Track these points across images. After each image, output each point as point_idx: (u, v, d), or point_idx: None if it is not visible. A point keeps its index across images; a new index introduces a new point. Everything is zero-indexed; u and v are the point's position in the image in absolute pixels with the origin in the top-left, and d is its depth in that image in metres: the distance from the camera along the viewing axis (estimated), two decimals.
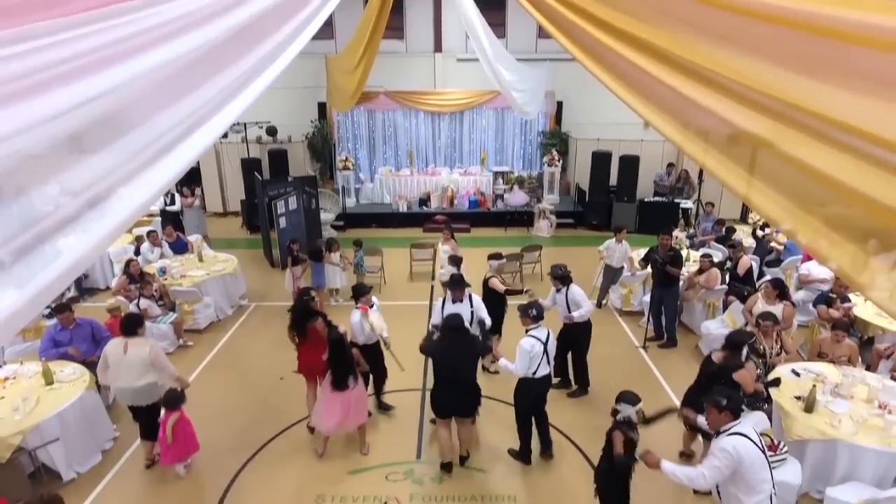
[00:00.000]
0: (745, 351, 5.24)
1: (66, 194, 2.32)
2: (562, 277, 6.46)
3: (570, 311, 6.36)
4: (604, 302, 9.45)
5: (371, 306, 6.01)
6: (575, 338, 6.58)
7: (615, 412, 4.14)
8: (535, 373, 5.22)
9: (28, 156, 2.06)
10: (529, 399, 5.42)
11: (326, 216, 13.40)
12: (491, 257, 7.42)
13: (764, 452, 3.68)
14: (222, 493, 5.26)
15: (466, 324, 5.86)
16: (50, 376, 5.66)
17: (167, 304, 8.12)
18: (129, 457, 5.78)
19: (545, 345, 5.21)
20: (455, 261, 7.69)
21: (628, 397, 4.13)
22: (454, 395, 5.24)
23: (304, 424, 6.22)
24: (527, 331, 5.27)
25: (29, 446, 5.06)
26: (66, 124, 2.14)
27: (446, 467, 5.46)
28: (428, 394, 6.69)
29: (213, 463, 5.67)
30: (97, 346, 6.44)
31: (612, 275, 9.23)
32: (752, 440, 3.62)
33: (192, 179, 14.13)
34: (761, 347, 5.89)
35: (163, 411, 5.27)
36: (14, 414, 5.12)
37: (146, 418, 5.43)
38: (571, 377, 6.84)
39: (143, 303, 7.71)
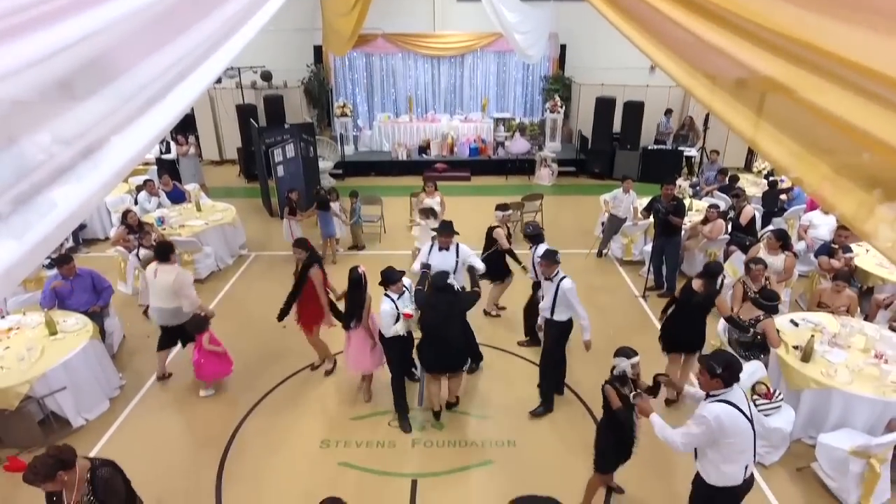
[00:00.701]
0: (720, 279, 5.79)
1: (59, 143, 2.27)
2: (532, 236, 6.34)
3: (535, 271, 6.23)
4: (605, 251, 9.44)
5: (402, 293, 5.25)
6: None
7: (612, 368, 4.13)
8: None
9: (16, 102, 1.99)
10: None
11: (325, 164, 13.21)
12: (498, 207, 7.35)
13: (752, 422, 3.49)
14: (228, 439, 5.38)
15: (451, 273, 5.81)
16: (53, 326, 5.69)
17: None
18: (136, 403, 5.89)
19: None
20: (427, 213, 7.57)
21: (625, 351, 4.10)
22: (443, 353, 5.23)
23: (306, 372, 6.33)
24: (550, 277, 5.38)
25: (37, 395, 5.14)
26: (53, 68, 2.06)
27: (436, 415, 5.58)
28: None
29: (217, 410, 5.78)
30: (98, 296, 6.46)
31: (616, 225, 9.17)
32: (740, 409, 3.44)
33: (186, 127, 13.86)
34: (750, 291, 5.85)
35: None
36: (20, 364, 5.17)
37: (172, 335, 6.13)
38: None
39: (143, 253, 7.67)
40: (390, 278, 5.22)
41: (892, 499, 4.60)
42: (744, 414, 3.45)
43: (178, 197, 10.01)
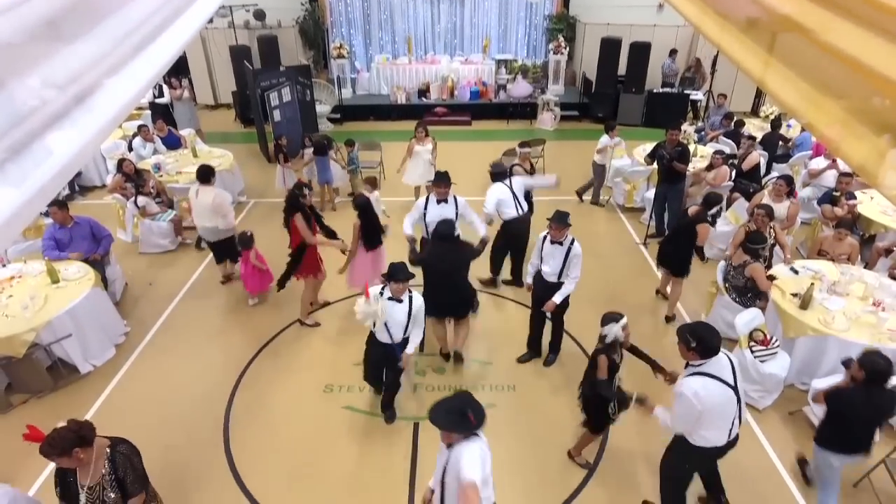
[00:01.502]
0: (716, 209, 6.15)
1: (51, 87, 2.18)
2: (494, 174, 6.48)
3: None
4: (603, 199, 9.32)
5: (399, 300, 4.57)
6: (513, 237, 6.55)
7: (602, 337, 4.04)
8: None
9: (4, 44, 1.90)
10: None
11: (322, 109, 12.93)
12: (521, 145, 7.32)
13: (735, 388, 3.39)
14: (233, 385, 5.49)
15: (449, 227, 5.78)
16: (55, 275, 5.69)
17: (165, 202, 8.02)
18: (141, 350, 5.97)
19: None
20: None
21: (612, 317, 3.99)
22: (447, 299, 5.33)
23: (310, 317, 6.39)
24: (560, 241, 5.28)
25: (43, 342, 5.20)
26: (38, 7, 1.96)
27: (446, 356, 5.72)
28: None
29: (221, 356, 5.88)
30: (98, 244, 6.43)
31: (602, 173, 9.05)
32: (720, 379, 3.34)
33: (179, 70, 13.48)
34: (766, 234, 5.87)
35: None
36: (24, 312, 5.21)
37: (217, 250, 6.95)
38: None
39: (141, 200, 7.62)
40: (393, 272, 4.45)
41: (879, 441, 4.75)
42: (725, 382, 3.36)
43: (173, 143, 9.84)
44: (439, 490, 3.15)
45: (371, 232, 5.88)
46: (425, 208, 5.86)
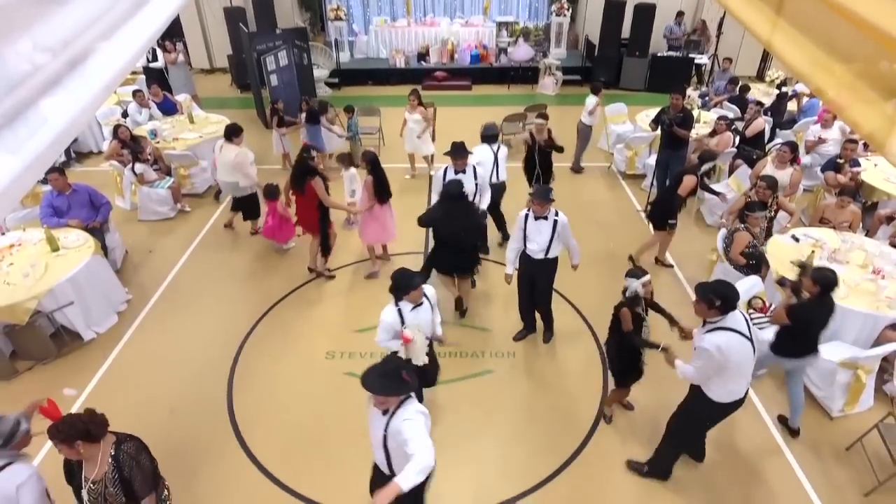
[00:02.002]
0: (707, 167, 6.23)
1: (43, 51, 2.13)
2: (485, 136, 6.50)
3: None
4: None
5: (420, 304, 4.10)
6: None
7: (623, 291, 4.16)
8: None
9: None
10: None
11: (320, 73, 12.70)
12: (539, 116, 7.08)
13: (752, 340, 3.52)
14: (236, 350, 5.54)
15: (470, 195, 5.79)
16: (55, 243, 5.68)
17: (163, 169, 7.94)
18: (144, 317, 6.01)
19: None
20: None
21: (634, 273, 4.12)
22: (454, 257, 5.47)
23: (307, 287, 6.43)
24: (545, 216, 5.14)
25: (45, 310, 5.23)
26: None
27: (458, 302, 5.86)
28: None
29: (224, 323, 5.91)
30: (96, 212, 6.40)
31: (588, 135, 8.96)
32: (740, 332, 3.45)
33: (173, 33, 13.16)
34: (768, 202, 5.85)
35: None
36: (25, 280, 5.21)
37: (239, 205, 7.26)
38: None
39: (139, 167, 7.55)
40: (403, 285, 3.98)
41: (873, 406, 4.83)
42: (744, 335, 3.48)
43: (169, 108, 9.68)
44: (383, 454, 3.16)
45: (382, 186, 6.01)
46: (444, 179, 5.80)
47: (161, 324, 5.93)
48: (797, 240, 5.81)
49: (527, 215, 4.93)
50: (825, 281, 4.05)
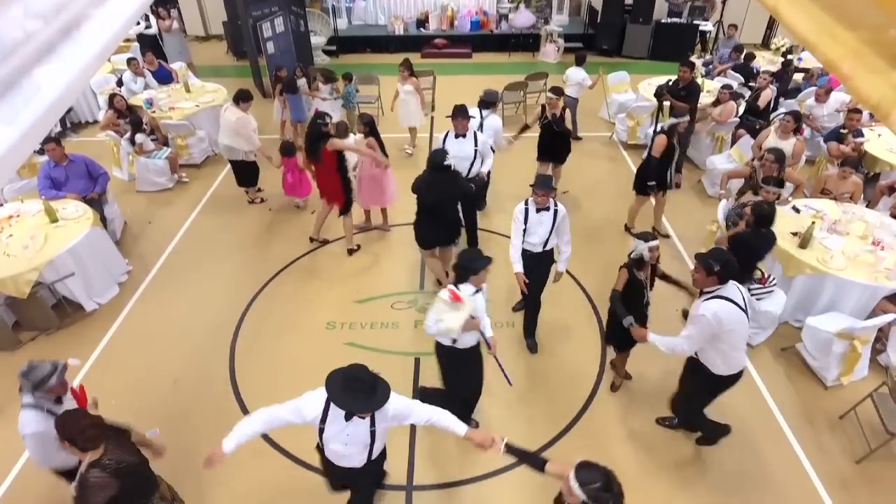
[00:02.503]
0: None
1: (35, 18, 2.09)
2: (484, 102, 6.50)
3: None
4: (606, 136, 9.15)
5: (479, 289, 3.94)
6: None
7: (630, 253, 4.18)
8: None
9: None
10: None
11: (317, 40, 12.47)
12: (553, 91, 6.71)
13: (746, 311, 3.54)
14: (237, 321, 5.57)
15: (467, 162, 5.73)
16: (53, 214, 5.66)
17: (160, 139, 7.86)
18: (145, 287, 6.03)
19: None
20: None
21: (644, 235, 4.12)
22: (434, 229, 5.40)
23: (307, 257, 6.44)
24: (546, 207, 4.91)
25: (46, 281, 5.24)
26: None
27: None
28: None
29: (225, 293, 5.94)
30: (94, 183, 6.37)
31: (575, 106, 8.81)
32: (735, 303, 3.48)
33: None
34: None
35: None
36: (25, 251, 5.21)
37: (235, 170, 7.27)
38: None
39: (138, 137, 7.48)
40: (469, 266, 3.78)
41: (867, 376, 4.89)
42: (738, 306, 3.50)
43: (164, 77, 9.52)
44: (365, 448, 3.05)
45: (381, 147, 6.22)
46: (444, 143, 5.73)
47: (162, 294, 5.95)
48: (798, 211, 5.80)
49: (527, 208, 4.63)
50: (760, 213, 4.56)
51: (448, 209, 5.34)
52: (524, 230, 4.68)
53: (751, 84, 8.98)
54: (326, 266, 6.36)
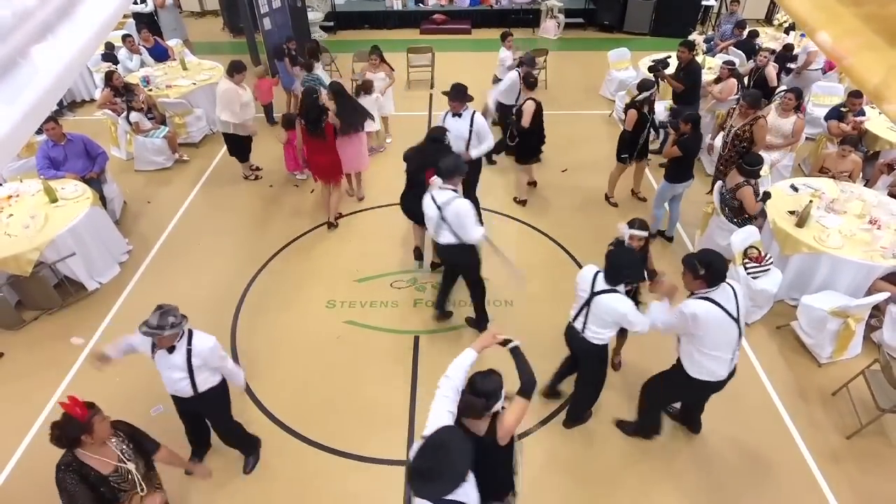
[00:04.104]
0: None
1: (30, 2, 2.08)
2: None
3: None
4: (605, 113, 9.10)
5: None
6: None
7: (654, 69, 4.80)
8: None
9: None
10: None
11: (314, 16, 12.31)
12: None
13: (737, 320, 3.40)
14: (238, 299, 5.62)
15: (462, 142, 5.70)
16: (53, 194, 5.67)
17: (157, 118, 7.82)
18: (146, 267, 6.07)
19: None
20: (363, 88, 7.20)
21: (631, 221, 4.19)
22: (417, 201, 5.26)
23: (307, 237, 6.46)
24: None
25: (48, 260, 5.28)
26: None
27: (416, 253, 5.97)
28: None
29: (225, 272, 5.97)
30: (93, 162, 6.36)
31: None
32: (722, 308, 3.35)
33: None
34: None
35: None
36: (26, 231, 5.24)
37: (229, 144, 7.28)
38: None
39: (134, 116, 7.45)
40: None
41: (861, 354, 4.96)
42: (727, 313, 3.36)
43: (160, 54, 9.44)
44: None
45: (349, 114, 6.12)
46: (443, 121, 5.75)
47: (163, 274, 5.99)
48: (796, 189, 5.81)
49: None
50: (692, 118, 5.52)
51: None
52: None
53: (755, 61, 8.88)
54: (326, 245, 6.39)
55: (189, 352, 3.39)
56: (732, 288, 3.46)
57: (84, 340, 5.18)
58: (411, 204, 5.37)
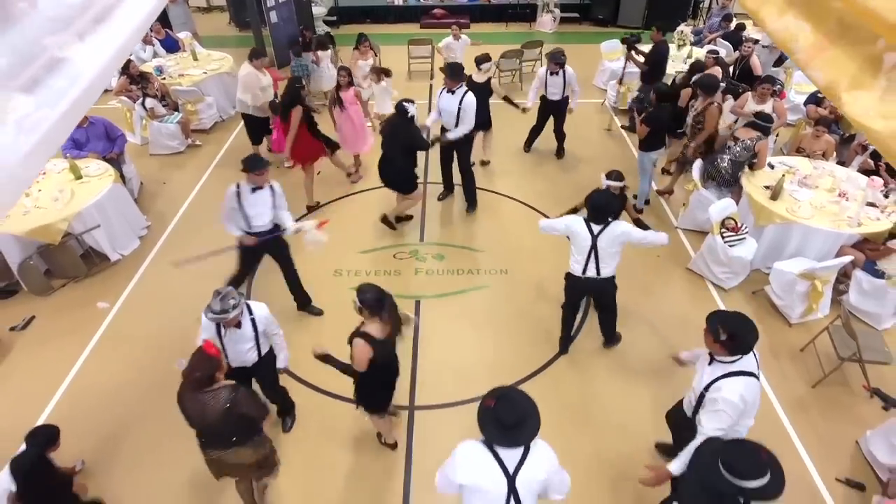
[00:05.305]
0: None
1: (71, 7, 2.28)
2: (563, 63, 7.23)
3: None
4: (599, 101, 9.53)
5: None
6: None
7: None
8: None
9: None
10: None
11: (318, 10, 12.68)
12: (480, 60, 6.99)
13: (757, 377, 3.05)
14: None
15: (452, 117, 6.11)
16: (77, 171, 6.07)
17: (170, 105, 8.21)
18: (163, 242, 6.46)
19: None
20: (380, 73, 7.73)
21: (610, 173, 4.85)
22: (387, 170, 6.00)
23: (316, 212, 6.86)
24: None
25: (75, 231, 5.68)
26: None
27: (384, 219, 6.44)
28: (430, 187, 7.27)
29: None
30: (113, 143, 6.76)
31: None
32: (756, 376, 3.02)
33: None
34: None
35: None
36: (55, 203, 5.64)
37: (247, 124, 7.63)
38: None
39: (149, 102, 7.84)
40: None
41: (829, 314, 5.35)
42: (757, 377, 3.03)
43: (171, 46, 9.84)
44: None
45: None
46: (439, 97, 6.21)
47: (180, 247, 6.34)
48: (772, 167, 6.20)
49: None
50: (663, 91, 6.36)
51: (393, 153, 5.82)
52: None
53: (740, 51, 9.25)
54: (333, 221, 6.67)
55: (253, 321, 3.67)
56: (754, 355, 3.11)
57: (109, 304, 5.58)
58: (381, 169, 6.02)
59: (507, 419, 2.43)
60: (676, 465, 3.09)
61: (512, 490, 2.46)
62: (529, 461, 2.48)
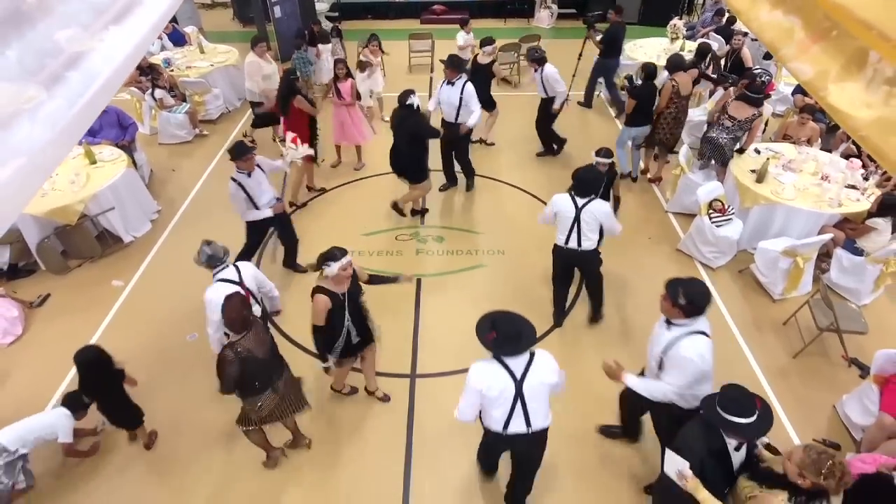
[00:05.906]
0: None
1: (90, 10, 2.32)
2: (537, 59, 7.18)
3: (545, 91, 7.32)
4: (595, 94, 9.77)
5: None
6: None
7: None
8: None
9: None
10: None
11: (321, 6, 12.96)
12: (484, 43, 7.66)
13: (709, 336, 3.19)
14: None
15: (453, 108, 6.37)
16: (92, 156, 6.33)
17: (178, 96, 8.47)
18: (174, 225, 6.72)
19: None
20: (363, 66, 8.15)
21: (599, 150, 5.16)
22: (397, 160, 6.24)
23: (320, 199, 7.11)
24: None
25: (90, 213, 5.94)
26: None
27: (394, 206, 6.58)
28: (433, 174, 7.52)
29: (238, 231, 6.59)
30: (124, 131, 7.02)
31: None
32: (708, 335, 3.18)
33: None
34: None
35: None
36: (71, 186, 5.90)
37: (255, 115, 7.88)
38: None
39: (158, 92, 8.09)
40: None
41: (811, 291, 5.60)
42: (709, 337, 3.19)
43: (178, 39, 10.10)
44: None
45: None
46: (440, 90, 6.48)
47: (189, 231, 6.62)
48: (758, 152, 6.45)
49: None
50: (649, 70, 6.64)
51: (404, 144, 6.00)
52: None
53: (732, 44, 9.50)
54: (337, 206, 7.04)
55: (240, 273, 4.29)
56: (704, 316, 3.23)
57: (123, 283, 5.83)
58: (392, 159, 6.24)
59: (510, 330, 2.89)
60: (633, 380, 3.39)
61: (519, 394, 2.96)
62: (534, 368, 2.96)
